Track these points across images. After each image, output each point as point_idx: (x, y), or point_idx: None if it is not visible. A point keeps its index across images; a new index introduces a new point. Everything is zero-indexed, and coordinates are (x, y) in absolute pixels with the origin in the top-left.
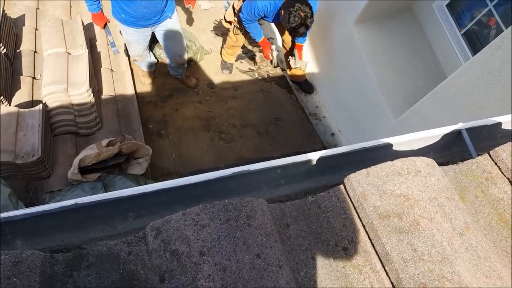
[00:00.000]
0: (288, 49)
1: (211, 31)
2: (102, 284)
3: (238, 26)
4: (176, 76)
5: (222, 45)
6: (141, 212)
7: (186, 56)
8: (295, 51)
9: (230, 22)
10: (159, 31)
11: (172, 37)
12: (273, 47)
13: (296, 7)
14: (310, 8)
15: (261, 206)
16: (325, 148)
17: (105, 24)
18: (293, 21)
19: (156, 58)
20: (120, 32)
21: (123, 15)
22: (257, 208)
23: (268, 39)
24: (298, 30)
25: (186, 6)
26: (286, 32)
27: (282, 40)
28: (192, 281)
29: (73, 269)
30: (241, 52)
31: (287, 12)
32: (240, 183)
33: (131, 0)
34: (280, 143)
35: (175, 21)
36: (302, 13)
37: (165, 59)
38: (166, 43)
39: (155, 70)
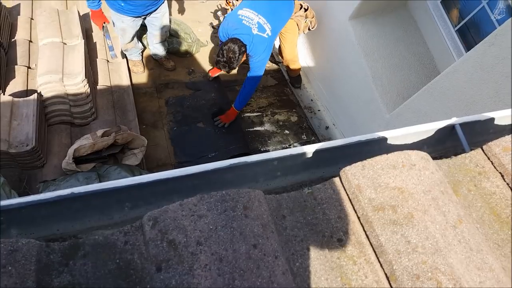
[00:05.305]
0: (284, 58)
1: (208, 23)
2: (98, 273)
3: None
4: (155, 58)
5: None
6: (138, 202)
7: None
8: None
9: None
10: (152, 16)
11: (162, 22)
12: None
13: (228, 46)
14: (240, 53)
15: (258, 197)
16: (319, 141)
17: (104, 25)
18: (220, 55)
19: (143, 45)
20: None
21: (123, 4)
22: (254, 199)
23: None
24: (220, 62)
25: None
26: (285, 42)
27: (280, 46)
28: (188, 270)
29: (69, 258)
30: None
31: (221, 45)
32: (237, 174)
33: None
34: None
35: (166, 7)
36: (230, 54)
37: None
38: (156, 26)
39: (151, 61)
